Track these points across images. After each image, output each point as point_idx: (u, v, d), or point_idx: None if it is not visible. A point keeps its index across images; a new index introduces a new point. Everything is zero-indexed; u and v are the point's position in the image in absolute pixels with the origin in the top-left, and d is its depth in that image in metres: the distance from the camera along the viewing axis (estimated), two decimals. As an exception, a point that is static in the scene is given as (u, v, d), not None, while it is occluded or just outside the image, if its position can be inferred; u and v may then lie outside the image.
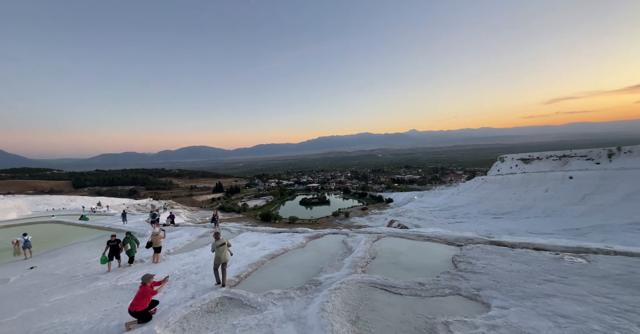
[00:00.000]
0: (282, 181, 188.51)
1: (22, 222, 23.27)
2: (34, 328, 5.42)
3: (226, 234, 13.52)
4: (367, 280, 5.99)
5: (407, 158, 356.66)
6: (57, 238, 16.52)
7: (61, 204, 51.24)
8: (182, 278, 7.55)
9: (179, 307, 5.52)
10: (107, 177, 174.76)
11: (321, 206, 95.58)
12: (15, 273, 9.79)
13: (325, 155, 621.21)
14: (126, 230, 17.34)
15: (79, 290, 7.46)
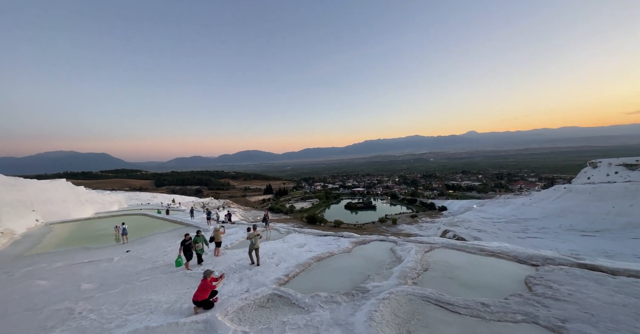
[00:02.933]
0: (327, 184, 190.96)
1: (121, 214, 28.80)
2: (129, 301, 6.61)
3: (275, 234, 14.29)
4: (419, 293, 5.57)
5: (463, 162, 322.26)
6: (143, 228, 19.89)
7: (147, 199, 61.74)
8: (238, 272, 8.24)
9: (235, 298, 6.04)
10: (179, 178, 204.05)
11: (366, 211, 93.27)
12: (117, 254, 12.13)
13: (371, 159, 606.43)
14: (193, 225, 19.85)
15: (159, 274, 8.82)
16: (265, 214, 14.60)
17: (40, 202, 23.36)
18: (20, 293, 7.93)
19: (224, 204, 65.68)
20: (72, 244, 15.52)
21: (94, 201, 34.71)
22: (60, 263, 11.27)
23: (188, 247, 9.46)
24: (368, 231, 48.59)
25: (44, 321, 5.92)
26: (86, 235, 18.04)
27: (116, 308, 6.29)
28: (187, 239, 9.54)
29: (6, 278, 9.68)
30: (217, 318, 5.12)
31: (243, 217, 47.65)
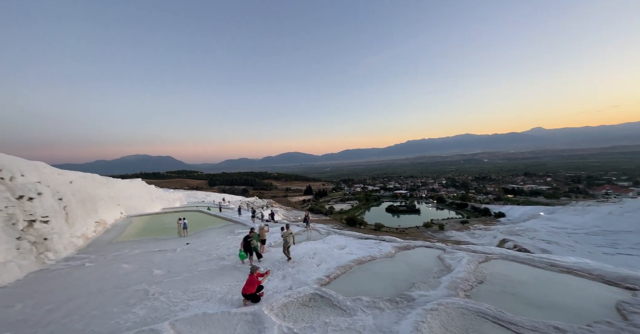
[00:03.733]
0: (367, 186, 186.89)
1: (182, 210, 32.74)
2: (190, 288, 7.47)
3: (316, 235, 14.54)
4: (474, 308, 5.06)
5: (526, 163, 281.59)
6: (199, 223, 22.25)
7: (202, 197, 68.93)
8: (281, 270, 8.62)
9: (279, 295, 6.33)
10: (228, 178, 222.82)
11: (410, 215, 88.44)
12: (179, 246, 13.82)
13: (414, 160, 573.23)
14: (241, 222, 21.44)
15: (213, 266, 9.76)
16: (306, 215, 15.00)
17: (123, 198, 27.98)
18: (111, 273, 9.61)
19: (267, 204, 69.42)
20: (146, 234, 18.21)
21: (162, 198, 40.14)
22: (137, 250, 13.32)
23: (249, 243, 9.52)
24: (411, 236, 45.99)
25: (127, 298, 7.07)
26: (156, 227, 20.98)
27: (180, 293, 7.17)
28: (249, 235, 9.67)
29: (102, 259, 11.85)
30: (263, 312, 5.44)
31: (285, 217, 49.66)
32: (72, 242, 14.36)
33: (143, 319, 5.81)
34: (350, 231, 15.12)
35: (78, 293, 7.78)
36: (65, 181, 17.11)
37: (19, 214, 11.26)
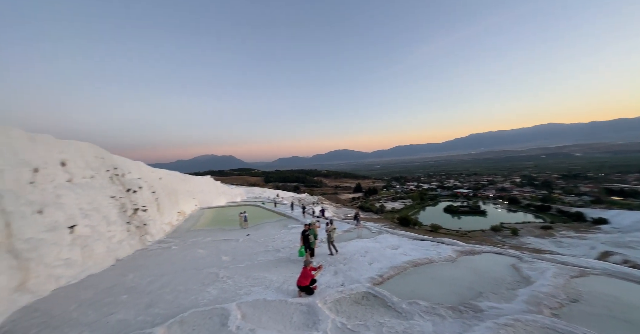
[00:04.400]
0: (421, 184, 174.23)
1: (242, 204, 36.32)
2: (252, 275, 8.26)
3: (367, 233, 14.28)
4: (565, 330, 4.20)
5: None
6: (257, 217, 24.30)
7: (259, 193, 75.13)
8: (333, 266, 8.75)
9: (332, 290, 6.44)
10: (281, 176, 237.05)
11: (473, 217, 78.98)
12: (241, 236, 15.38)
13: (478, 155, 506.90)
14: (294, 217, 22.55)
15: (270, 257, 10.55)
16: (357, 213, 14.84)
17: (197, 192, 32.59)
18: (190, 257, 11.33)
19: (317, 201, 71.35)
20: (215, 224, 20.84)
21: (226, 193, 45.29)
22: (209, 238, 15.36)
23: (307, 238, 9.25)
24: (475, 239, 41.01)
25: (202, 279, 8.23)
26: (222, 219, 23.80)
27: (243, 279, 7.98)
28: (306, 229, 9.35)
29: (183, 244, 14.07)
30: (317, 305, 5.62)
31: (335, 214, 50.22)
32: (162, 228, 17.43)
33: (215, 298, 6.67)
34: (404, 231, 14.34)
35: (168, 270, 9.42)
36: (156, 177, 20.84)
37: (127, 204, 14.22)
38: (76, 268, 8.96)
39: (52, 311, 6.53)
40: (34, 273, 7.51)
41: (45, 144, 10.32)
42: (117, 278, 8.83)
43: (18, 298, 6.75)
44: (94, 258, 9.94)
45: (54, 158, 10.43)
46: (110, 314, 6.12)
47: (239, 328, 4.81)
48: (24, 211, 7.98)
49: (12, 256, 7.12)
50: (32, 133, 9.98)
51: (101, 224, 11.24)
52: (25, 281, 7.21)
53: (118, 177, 14.82)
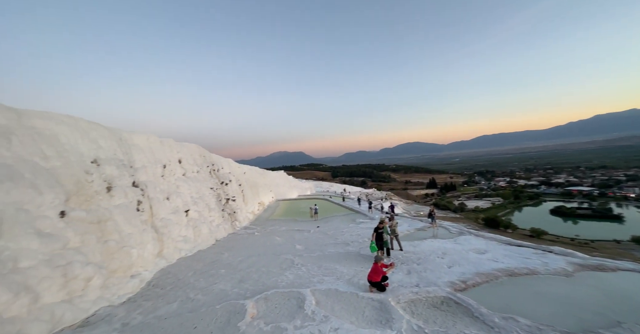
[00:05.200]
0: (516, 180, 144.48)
1: (312, 197, 38.45)
2: (323, 266, 8.67)
3: (444, 233, 12.87)
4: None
5: None
6: (326, 210, 25.25)
7: (326, 187, 77.93)
8: (405, 264, 8.26)
9: (405, 290, 6.09)
10: (348, 171, 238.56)
11: (599, 222, 60.65)
12: (312, 228, 16.33)
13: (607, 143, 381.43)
14: (362, 212, 22.40)
15: (340, 249, 10.81)
16: (431, 210, 13.50)
17: (273, 186, 36.37)
18: (269, 243, 12.78)
19: (385, 196, 68.77)
20: (289, 215, 22.82)
21: (297, 186, 48.84)
22: (284, 227, 16.95)
23: (381, 235, 8.77)
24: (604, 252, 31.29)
25: (280, 264, 9.16)
26: (295, 210, 25.82)
27: (316, 268, 8.46)
28: (379, 227, 8.85)
29: (263, 231, 16.00)
30: (389, 302, 5.42)
31: (405, 211, 47.33)
32: (247, 216, 20.25)
33: (292, 282, 7.32)
34: (492, 234, 12.24)
35: (253, 253, 10.90)
36: (241, 172, 24.25)
37: (222, 194, 17.11)
38: (190, 243, 11.40)
39: (178, 275, 8.53)
40: (166, 244, 9.96)
41: (169, 146, 13.40)
42: (217, 255, 10.79)
43: (158, 262, 9.11)
44: (201, 237, 12.42)
45: (174, 157, 13.45)
46: (214, 284, 7.53)
47: (314, 313, 5.13)
48: (159, 197, 10.62)
49: (154, 230, 9.61)
50: (160, 138, 13.10)
51: (205, 210, 13.90)
52: (161, 250, 9.64)
53: (215, 172, 17.96)
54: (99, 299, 6.25)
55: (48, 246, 5.75)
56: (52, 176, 6.57)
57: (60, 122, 7.67)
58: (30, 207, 5.76)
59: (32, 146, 6.54)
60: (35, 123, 7.00)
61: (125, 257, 7.78)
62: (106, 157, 8.88)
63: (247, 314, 5.22)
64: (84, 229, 6.81)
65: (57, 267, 5.69)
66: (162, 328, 5.09)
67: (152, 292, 7.29)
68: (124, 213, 8.42)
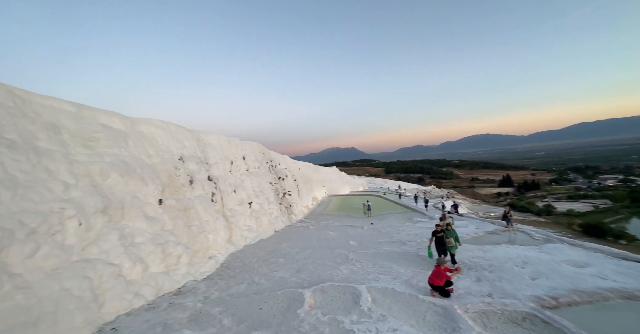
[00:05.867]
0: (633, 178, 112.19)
1: (365, 194, 37.77)
2: (378, 263, 8.45)
3: (524, 239, 10.93)
4: None
5: None
6: (380, 207, 24.42)
7: (379, 184, 75.36)
8: (474, 270, 7.36)
9: (474, 298, 5.43)
10: (403, 167, 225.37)
11: None
12: (365, 224, 16.06)
13: None
14: (419, 211, 20.90)
15: (395, 248, 10.33)
16: (507, 211, 11.58)
17: (326, 181, 37.12)
18: (323, 237, 13.13)
19: (447, 194, 62.51)
20: (341, 211, 22.96)
21: (349, 182, 48.68)
22: (337, 223, 17.14)
23: (440, 240, 7.84)
24: None
25: (335, 258, 9.31)
26: (347, 206, 25.82)
27: (370, 265, 8.30)
28: (438, 230, 7.88)
29: (317, 225, 16.53)
30: (456, 310, 4.92)
31: (471, 211, 42.11)
32: (301, 210, 21.23)
33: (346, 277, 7.36)
34: (595, 244, 9.79)
35: (308, 245, 11.39)
36: (296, 168, 25.49)
37: (279, 189, 18.35)
38: (253, 233, 12.61)
39: (244, 260, 9.58)
40: (234, 232, 11.27)
41: (235, 144, 15.02)
42: (276, 245, 11.66)
43: (228, 247, 10.39)
44: (263, 228, 13.61)
45: (239, 154, 15.02)
46: (275, 271, 8.17)
47: (370, 310, 5.05)
48: (227, 190, 12.06)
49: (224, 219, 10.98)
50: (228, 137, 14.79)
51: (265, 203, 15.15)
52: (230, 237, 10.96)
53: (273, 167, 19.35)
54: (186, 274, 7.51)
55: (152, 227, 7.17)
56: (152, 170, 8.14)
57: (157, 127, 9.41)
58: (140, 195, 7.27)
59: (140, 146, 8.21)
60: (142, 128, 8.76)
61: (204, 240, 9.12)
62: (189, 154, 10.51)
63: (305, 303, 5.49)
64: (174, 215, 8.25)
65: (159, 244, 7.06)
66: (234, 305, 5.79)
67: (225, 273, 8.37)
68: (202, 203, 9.85)
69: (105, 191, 6.35)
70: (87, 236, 5.61)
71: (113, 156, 7.05)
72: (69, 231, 5.27)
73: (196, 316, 5.40)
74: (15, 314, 3.94)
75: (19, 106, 5.61)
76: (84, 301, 4.88)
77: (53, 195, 5.25)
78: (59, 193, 5.39)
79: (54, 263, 4.80)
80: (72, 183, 5.74)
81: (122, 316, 5.43)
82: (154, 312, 5.63)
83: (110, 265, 5.64)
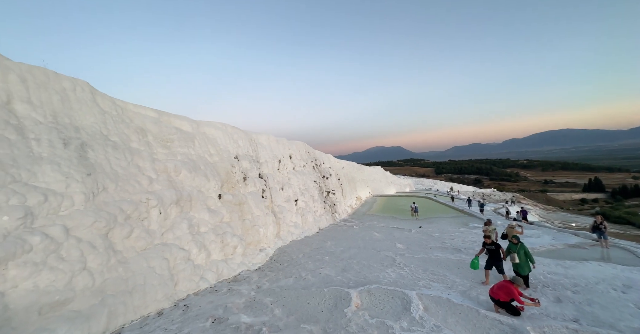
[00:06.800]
0: None
1: (412, 195, 35.65)
2: (429, 270, 7.86)
3: (624, 256, 8.84)
4: None
5: None
6: (429, 210, 22.75)
7: (429, 185, 70.23)
8: (552, 289, 6.25)
9: (554, 322, 4.60)
10: (457, 167, 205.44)
11: None
12: (413, 227, 15.14)
13: None
14: (476, 215, 18.73)
15: (449, 255, 9.45)
16: (599, 222, 9.45)
17: (370, 181, 36.25)
18: (368, 238, 12.83)
19: (512, 199, 54.75)
20: (386, 212, 22.10)
21: (395, 183, 46.56)
22: (382, 224, 16.55)
23: (494, 254, 6.56)
24: None
25: (381, 260, 9.01)
26: (393, 207, 24.74)
27: (420, 271, 7.78)
28: (488, 242, 6.70)
29: (361, 225, 16.26)
30: (529, 333, 4.25)
31: (543, 219, 35.99)
32: (345, 210, 21.15)
33: (394, 281, 7.04)
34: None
35: (353, 245, 11.28)
36: (340, 167, 25.50)
37: (323, 187, 18.61)
38: (299, 229, 13.07)
39: (291, 254, 10.00)
40: (282, 227, 11.86)
41: (282, 144, 15.77)
42: (321, 243, 11.86)
43: (277, 241, 10.99)
44: (308, 225, 13.99)
45: (286, 153, 15.72)
46: (321, 268, 8.31)
47: (422, 319, 4.73)
48: (276, 187, 12.74)
49: (273, 215, 11.64)
50: (275, 137, 15.61)
51: (310, 201, 15.54)
52: (279, 232, 11.56)
53: (317, 166, 19.72)
54: (241, 263, 8.20)
55: (213, 218, 8.03)
56: (214, 168, 9.10)
57: (217, 128, 10.49)
58: (203, 190, 8.21)
59: (204, 146, 9.27)
60: (205, 130, 9.87)
61: (256, 234, 9.82)
62: (242, 153, 11.43)
63: (352, 302, 5.44)
64: (231, 209, 9.08)
65: (218, 235, 7.87)
66: (284, 297, 6.09)
67: (274, 265, 8.87)
68: (254, 199, 10.60)
69: (178, 185, 7.35)
70: (165, 223, 6.59)
71: (183, 155, 8.11)
72: (153, 218, 6.26)
73: (251, 303, 5.85)
74: (118, 283, 4.89)
75: (119, 114, 6.89)
76: (164, 279, 5.74)
77: (141, 187, 6.31)
78: (145, 186, 6.45)
79: (142, 244, 5.77)
80: (154, 178, 6.80)
81: (191, 295, 6.22)
82: (216, 295, 6.30)
83: (182, 250, 6.52)
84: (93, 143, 5.75)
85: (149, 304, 5.25)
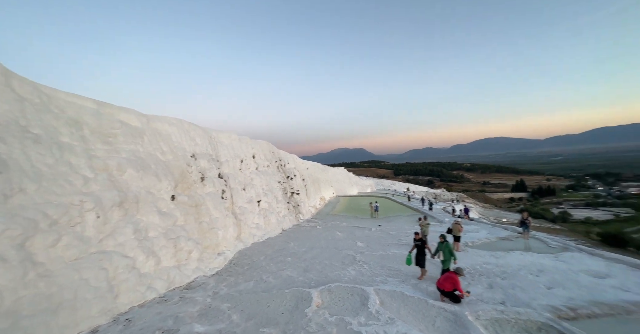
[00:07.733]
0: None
1: (373, 195, 37.44)
2: (386, 266, 8.36)
3: (539, 246, 10.57)
4: None
5: None
6: (388, 209, 24.15)
7: (388, 186, 74.53)
8: (486, 277, 7.17)
9: (486, 306, 5.29)
10: (413, 169, 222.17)
11: None
12: (372, 226, 15.90)
13: None
14: (430, 214, 20.51)
15: (403, 251, 10.05)
16: (525, 218, 11.15)
17: (334, 181, 37.02)
18: (331, 237, 13.09)
19: (457, 198, 61.16)
20: (349, 212, 22.83)
21: (357, 183, 48.37)
22: (345, 224, 17.05)
23: (421, 249, 7.01)
24: None
25: (342, 258, 9.27)
26: (355, 207, 25.66)
27: (378, 267, 8.22)
28: (416, 238, 7.18)
29: (324, 225, 16.50)
30: (467, 317, 4.81)
31: (482, 216, 41.08)
32: (309, 210, 21.25)
33: (354, 278, 7.31)
34: (616, 254, 9.36)
35: (316, 245, 11.38)
36: (304, 167, 25.54)
37: (287, 188, 18.42)
38: (261, 231, 12.71)
39: (252, 257, 9.67)
40: (243, 229, 11.40)
41: (245, 143, 15.18)
42: (284, 244, 11.71)
43: (237, 244, 10.52)
44: (271, 226, 13.69)
45: (249, 152, 15.18)
46: (283, 269, 8.21)
47: (378, 313, 4.99)
48: (237, 188, 12.20)
49: (234, 216, 11.12)
50: (239, 135, 14.96)
51: (273, 202, 15.24)
52: (239, 234, 11.09)
53: (282, 167, 19.46)
54: (196, 269, 7.65)
55: (165, 222, 7.35)
56: (166, 167, 8.33)
57: (171, 124, 9.63)
58: (153, 190, 7.46)
59: (155, 143, 8.42)
60: (157, 125, 8.98)
61: (214, 237, 9.26)
62: (200, 152, 10.70)
63: (312, 302, 5.49)
64: (186, 211, 8.41)
65: (170, 239, 7.22)
66: (243, 302, 5.85)
67: (233, 269, 8.47)
68: (213, 200, 10.00)
69: (122, 186, 6.55)
70: (104, 228, 5.80)
71: (129, 152, 7.26)
72: (88, 223, 5.46)
73: (206, 311, 5.49)
74: (38, 301, 4.13)
75: (45, 102, 5.86)
76: (101, 291, 5.05)
77: (74, 188, 5.46)
78: (79, 186, 5.60)
79: (73, 254, 4.99)
80: (91, 177, 5.95)
81: (135, 307, 5.59)
82: (166, 305, 5.77)
83: (125, 257, 5.82)
84: (6, 135, 4.79)
85: (80, 322, 4.56)
